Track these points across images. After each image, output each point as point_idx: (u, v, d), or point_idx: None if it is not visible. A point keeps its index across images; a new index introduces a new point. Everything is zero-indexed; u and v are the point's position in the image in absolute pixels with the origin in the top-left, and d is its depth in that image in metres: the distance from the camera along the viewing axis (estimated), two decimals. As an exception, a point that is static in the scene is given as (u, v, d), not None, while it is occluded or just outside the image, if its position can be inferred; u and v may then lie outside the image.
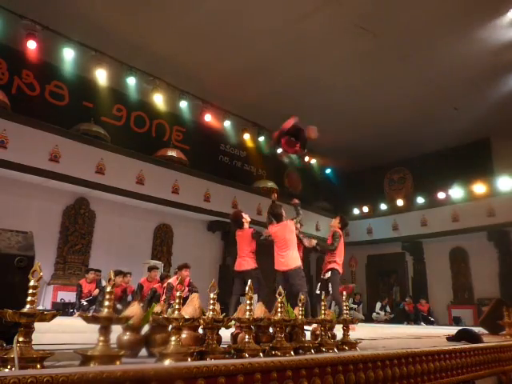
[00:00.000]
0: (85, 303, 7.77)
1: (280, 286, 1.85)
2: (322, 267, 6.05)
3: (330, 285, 5.60)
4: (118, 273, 7.54)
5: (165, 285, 7.81)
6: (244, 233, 5.78)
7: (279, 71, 9.99)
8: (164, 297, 6.88)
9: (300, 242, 5.77)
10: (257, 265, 5.61)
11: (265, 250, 5.89)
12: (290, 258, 5.30)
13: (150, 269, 8.25)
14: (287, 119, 6.28)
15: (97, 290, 7.88)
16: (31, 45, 8.52)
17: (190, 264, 7.37)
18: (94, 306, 7.72)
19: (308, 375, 1.34)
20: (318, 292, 5.72)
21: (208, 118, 11.42)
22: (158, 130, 11.94)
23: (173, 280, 7.07)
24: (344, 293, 2.42)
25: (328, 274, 5.68)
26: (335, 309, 6.22)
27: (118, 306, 6.94)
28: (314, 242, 5.91)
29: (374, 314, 11.71)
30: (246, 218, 5.84)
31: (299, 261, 5.39)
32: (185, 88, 10.75)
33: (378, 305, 12.00)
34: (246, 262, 5.62)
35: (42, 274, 1.10)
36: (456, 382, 2.08)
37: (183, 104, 10.87)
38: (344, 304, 2.17)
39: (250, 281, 1.64)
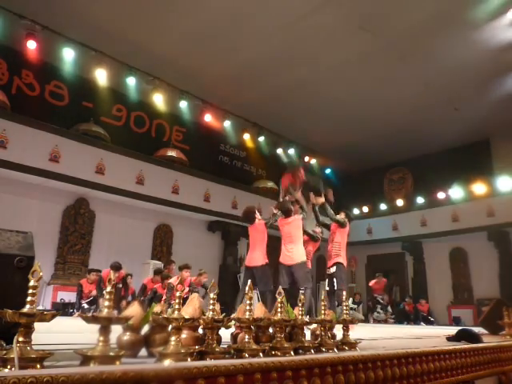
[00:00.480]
0: (86, 306, 7.75)
1: (280, 286, 1.85)
2: (325, 259, 6.02)
3: (334, 280, 5.54)
4: (118, 267, 7.42)
5: (155, 277, 7.86)
6: (256, 226, 5.87)
7: (279, 71, 9.98)
8: (164, 297, 6.89)
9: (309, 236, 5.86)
10: (267, 260, 5.68)
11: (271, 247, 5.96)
12: (295, 253, 5.40)
13: (158, 271, 8.18)
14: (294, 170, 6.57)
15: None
16: (31, 45, 8.51)
17: (191, 264, 7.37)
18: (93, 306, 7.71)
19: (308, 375, 1.34)
20: (327, 288, 5.73)
21: (208, 118, 11.42)
22: (157, 130, 11.94)
23: (173, 280, 7.08)
24: (344, 292, 2.42)
25: (333, 269, 5.58)
26: (337, 309, 6.16)
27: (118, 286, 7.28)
28: (321, 200, 5.86)
29: (375, 313, 11.69)
30: (258, 215, 5.98)
31: (305, 256, 5.50)
32: (185, 88, 10.75)
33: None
34: (256, 256, 5.68)
35: (41, 273, 1.10)
36: (456, 382, 2.08)
37: (183, 104, 10.86)
38: (344, 304, 2.17)
39: (249, 281, 1.64)
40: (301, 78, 10.16)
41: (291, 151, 13.62)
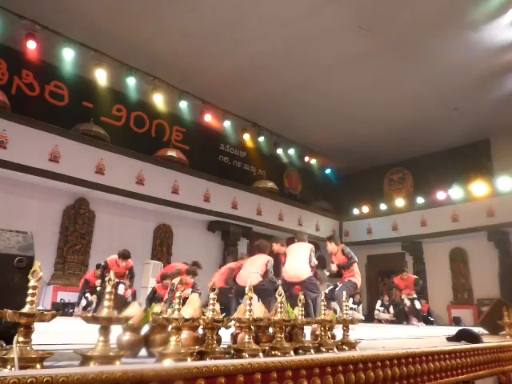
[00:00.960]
0: (90, 298, 7.67)
1: (280, 287, 1.84)
2: (325, 259, 6.13)
3: (339, 284, 5.67)
4: (126, 255, 7.11)
5: (165, 282, 7.72)
6: (262, 256, 5.99)
7: (279, 71, 9.99)
8: (167, 296, 6.85)
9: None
10: (262, 278, 5.79)
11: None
12: (300, 272, 5.46)
13: (190, 272, 7.66)
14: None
15: (99, 281, 7.56)
16: (31, 45, 8.51)
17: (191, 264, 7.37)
18: (93, 297, 7.64)
19: (308, 375, 1.34)
20: (326, 291, 5.79)
21: (208, 118, 11.43)
22: (157, 130, 11.94)
23: (177, 282, 7.05)
24: (344, 292, 2.42)
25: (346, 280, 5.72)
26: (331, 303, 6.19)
27: (121, 286, 6.98)
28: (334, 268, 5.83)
29: (375, 311, 11.69)
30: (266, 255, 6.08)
31: (311, 272, 5.56)
32: (185, 88, 10.75)
33: (379, 302, 11.99)
34: (251, 273, 5.74)
35: (41, 274, 1.10)
36: (456, 382, 2.08)
37: (183, 104, 10.87)
38: (344, 304, 2.17)
39: (249, 281, 1.64)
40: (301, 77, 10.16)
41: (291, 151, 13.63)
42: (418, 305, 8.95)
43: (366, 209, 15.00)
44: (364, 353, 1.65)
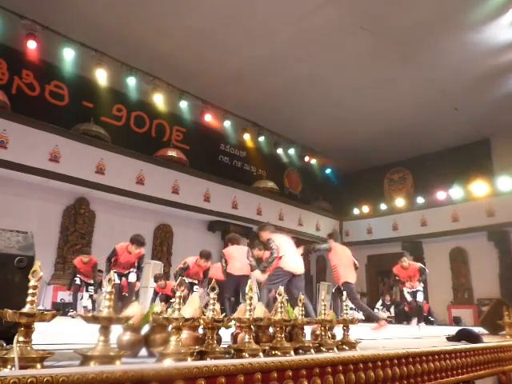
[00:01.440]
0: (76, 280, 7.54)
1: (280, 287, 1.84)
2: (325, 259, 6.28)
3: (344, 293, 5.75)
4: (141, 242, 6.62)
5: (159, 283, 7.72)
6: (242, 248, 6.47)
7: (279, 71, 9.99)
8: (178, 271, 6.91)
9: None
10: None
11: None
12: (301, 263, 5.51)
13: (205, 255, 7.45)
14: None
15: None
16: (31, 45, 8.51)
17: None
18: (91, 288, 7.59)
19: (308, 375, 1.34)
20: (333, 290, 5.94)
21: (208, 117, 11.43)
22: (158, 130, 11.94)
23: (190, 261, 7.07)
24: (345, 292, 2.42)
25: (342, 288, 5.77)
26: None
27: (132, 274, 6.73)
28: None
29: (375, 310, 11.69)
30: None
31: None
32: (185, 88, 10.75)
33: (380, 302, 12.00)
34: (243, 265, 5.97)
35: (41, 273, 1.10)
36: (456, 382, 2.08)
37: (183, 104, 10.87)
38: (344, 304, 2.17)
39: (249, 281, 1.64)
40: (301, 77, 10.16)
41: (291, 151, 13.63)
42: (420, 296, 7.57)
43: (366, 209, 15.00)
44: (364, 353, 1.65)
